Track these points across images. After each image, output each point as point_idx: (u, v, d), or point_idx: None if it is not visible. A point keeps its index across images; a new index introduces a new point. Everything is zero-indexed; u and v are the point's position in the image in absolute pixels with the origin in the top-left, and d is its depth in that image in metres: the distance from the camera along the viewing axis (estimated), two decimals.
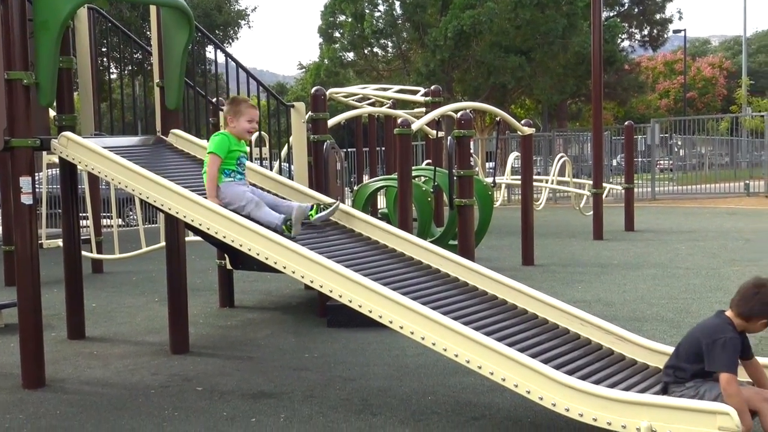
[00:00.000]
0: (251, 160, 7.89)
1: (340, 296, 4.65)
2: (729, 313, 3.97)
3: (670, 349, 4.49)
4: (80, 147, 5.81)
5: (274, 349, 6.49)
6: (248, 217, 5.22)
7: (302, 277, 4.84)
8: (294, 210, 5.26)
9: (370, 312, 4.52)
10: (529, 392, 3.97)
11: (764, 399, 3.81)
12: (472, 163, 8.86)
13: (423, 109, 14.12)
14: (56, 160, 7.06)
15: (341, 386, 5.33)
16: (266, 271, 8.04)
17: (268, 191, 5.88)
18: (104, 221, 13.13)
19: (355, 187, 11.75)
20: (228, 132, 5.55)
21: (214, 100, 9.01)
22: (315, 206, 5.52)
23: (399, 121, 8.70)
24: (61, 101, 6.45)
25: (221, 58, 8.61)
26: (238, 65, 8.30)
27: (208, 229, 5.22)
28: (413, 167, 9.82)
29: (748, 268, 9.87)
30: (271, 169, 8.29)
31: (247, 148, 5.87)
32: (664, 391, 4.02)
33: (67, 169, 6.55)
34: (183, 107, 7.35)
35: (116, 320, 7.77)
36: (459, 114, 8.80)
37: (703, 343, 3.87)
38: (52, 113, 7.15)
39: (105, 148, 5.78)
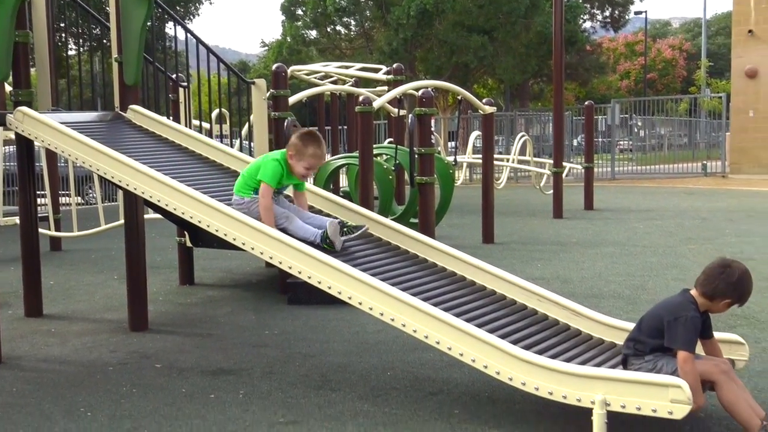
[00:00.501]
0: (211, 137, 7.86)
1: (300, 273, 4.65)
2: (693, 292, 4.01)
3: (626, 325, 4.57)
4: (37, 122, 5.74)
5: (234, 326, 6.49)
6: (283, 230, 4.93)
7: (261, 254, 4.83)
8: (327, 227, 4.93)
9: (330, 288, 4.53)
10: (486, 367, 4.02)
11: (722, 371, 3.86)
12: (433, 141, 8.88)
13: (385, 88, 14.11)
14: (13, 136, 6.96)
15: (301, 362, 5.35)
16: (226, 249, 8.02)
17: (287, 197, 5.43)
18: (63, 199, 12.98)
19: None
20: (285, 159, 5.08)
21: (174, 76, 8.93)
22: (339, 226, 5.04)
23: (360, 98, 8.69)
24: (17, 76, 6.35)
25: (182, 34, 8.52)
26: (198, 41, 8.23)
27: (167, 205, 5.19)
28: (375, 145, 9.82)
29: (704, 246, 10.04)
30: (232, 147, 8.23)
31: (306, 183, 5.45)
32: (624, 363, 4.06)
33: (24, 145, 6.46)
34: (143, 83, 7.28)
35: (74, 298, 7.71)
36: (420, 92, 8.82)
37: (665, 320, 3.90)
38: (8, 88, 7.05)
39: (62, 123, 5.71)
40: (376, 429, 4.10)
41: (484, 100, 11.30)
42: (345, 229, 5.06)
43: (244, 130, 11.48)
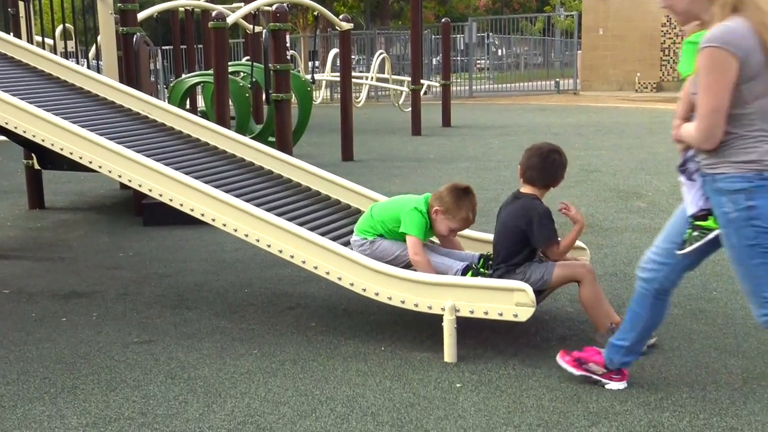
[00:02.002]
0: (54, 53, 7.51)
1: (150, 190, 4.57)
2: (527, 189, 4.10)
3: (476, 235, 4.73)
4: None
5: (87, 249, 6.33)
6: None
7: (109, 172, 4.71)
8: (475, 261, 4.31)
9: (182, 205, 4.47)
10: (340, 279, 4.08)
11: (589, 271, 4.01)
12: (288, 58, 8.77)
13: (241, 4, 13.76)
14: None
15: (156, 283, 5.28)
16: (78, 171, 7.77)
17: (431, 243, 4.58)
18: None
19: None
20: (428, 211, 4.34)
21: None
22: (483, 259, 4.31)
23: (213, 14, 8.46)
24: None
25: None
26: None
27: (7, 123, 4.96)
28: (230, 63, 9.62)
29: None
30: (80, 64, 7.88)
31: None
32: None
33: None
34: None
35: None
36: (275, 6, 8.66)
37: (522, 225, 3.97)
38: None
39: None
40: (233, 345, 4.12)
41: (340, 17, 11.21)
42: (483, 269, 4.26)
43: (92, 52, 10.99)
